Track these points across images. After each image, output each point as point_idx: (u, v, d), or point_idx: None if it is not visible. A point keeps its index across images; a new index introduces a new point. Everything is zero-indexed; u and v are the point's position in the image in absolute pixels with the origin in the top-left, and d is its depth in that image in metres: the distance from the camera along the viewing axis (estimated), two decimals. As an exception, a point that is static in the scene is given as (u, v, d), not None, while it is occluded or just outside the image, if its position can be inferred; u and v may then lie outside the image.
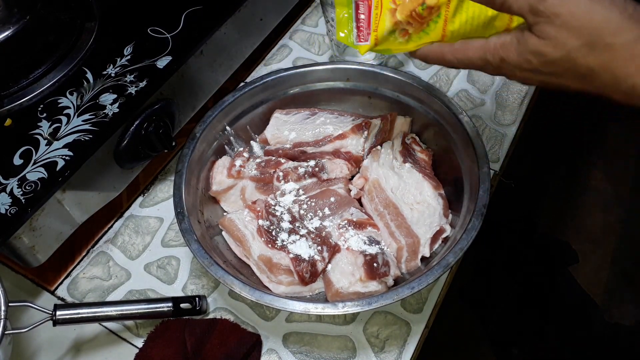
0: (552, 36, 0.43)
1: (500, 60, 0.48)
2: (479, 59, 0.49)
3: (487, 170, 0.63)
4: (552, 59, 0.44)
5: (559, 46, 0.44)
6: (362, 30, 0.54)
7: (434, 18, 0.51)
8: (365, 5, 0.53)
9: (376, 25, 0.53)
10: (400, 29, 0.52)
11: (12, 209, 0.56)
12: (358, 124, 0.71)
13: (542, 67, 0.46)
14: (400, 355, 0.63)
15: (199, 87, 0.74)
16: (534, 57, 0.45)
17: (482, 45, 0.49)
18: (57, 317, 0.58)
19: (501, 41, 0.48)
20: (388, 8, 0.52)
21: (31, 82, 0.65)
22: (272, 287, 0.61)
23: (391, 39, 0.54)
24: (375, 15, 0.53)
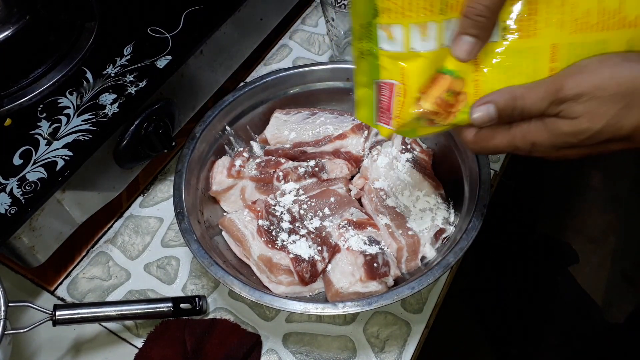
0: (584, 112, 0.42)
1: (532, 145, 0.45)
2: (506, 146, 0.47)
3: (487, 170, 0.63)
4: (594, 131, 0.43)
5: (596, 117, 0.42)
6: (383, 113, 0.49)
7: (462, 109, 0.47)
8: (387, 89, 0.48)
9: (399, 112, 0.48)
10: (426, 118, 0.48)
11: (12, 209, 0.56)
12: (358, 124, 0.71)
13: (582, 142, 0.43)
14: (400, 355, 0.63)
15: (199, 87, 0.74)
16: (571, 137, 0.43)
17: (507, 132, 0.46)
18: (57, 317, 0.58)
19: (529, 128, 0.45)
20: (413, 96, 0.47)
21: (31, 82, 0.65)
22: (272, 287, 0.61)
23: (416, 124, 0.49)
24: (398, 102, 0.48)
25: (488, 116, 0.45)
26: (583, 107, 0.42)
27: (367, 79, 0.50)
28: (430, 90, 0.47)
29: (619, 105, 0.41)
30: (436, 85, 0.47)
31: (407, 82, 0.47)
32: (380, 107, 0.49)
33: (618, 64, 0.42)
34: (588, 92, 0.42)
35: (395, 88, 0.48)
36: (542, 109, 0.43)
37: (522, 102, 0.44)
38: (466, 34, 0.44)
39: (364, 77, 0.50)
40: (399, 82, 0.47)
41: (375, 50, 0.47)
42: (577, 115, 0.42)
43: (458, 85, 0.46)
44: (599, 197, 1.64)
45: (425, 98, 0.47)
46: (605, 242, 1.54)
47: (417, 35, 0.46)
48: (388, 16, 0.45)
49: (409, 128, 0.49)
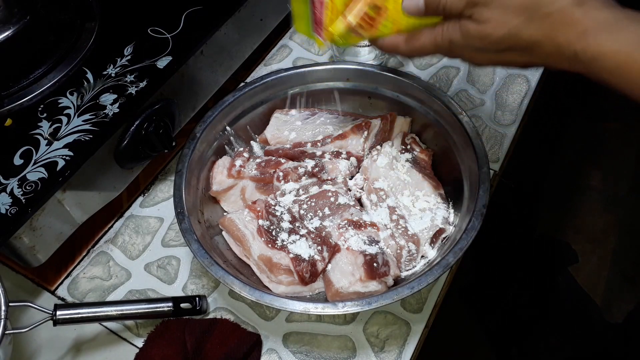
0: (491, 18, 0.46)
1: (449, 43, 0.51)
2: (430, 44, 0.52)
3: (487, 170, 0.63)
4: (495, 38, 0.47)
5: (499, 25, 0.46)
6: (317, 25, 0.56)
7: (383, 22, 0.53)
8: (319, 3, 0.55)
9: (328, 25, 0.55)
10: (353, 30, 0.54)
11: (13, 209, 0.56)
12: (358, 124, 0.71)
13: (487, 46, 0.48)
14: (400, 355, 0.63)
15: (199, 87, 0.74)
16: (477, 40, 0.48)
17: (431, 32, 0.52)
18: (57, 317, 0.58)
19: (446, 27, 0.51)
20: (339, 10, 0.54)
21: (31, 82, 0.66)
22: (272, 287, 0.61)
23: (347, 36, 0.56)
24: (328, 17, 0.55)
25: (417, 6, 0.51)
26: (490, 13, 0.46)
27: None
28: (355, 3, 0.53)
29: (522, 17, 0.45)
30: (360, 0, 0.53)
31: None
32: (315, 20, 0.56)
33: None
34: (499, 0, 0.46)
35: (325, 2, 0.54)
36: (460, 8, 0.48)
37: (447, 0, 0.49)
38: None
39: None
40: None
41: None
42: (484, 19, 0.47)
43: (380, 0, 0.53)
44: (599, 197, 1.64)
45: (349, 12, 0.53)
46: (605, 242, 1.54)
47: None
48: None
49: (340, 39, 0.56)
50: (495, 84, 0.87)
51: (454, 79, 0.87)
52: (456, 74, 0.88)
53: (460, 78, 0.87)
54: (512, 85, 0.86)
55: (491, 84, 0.87)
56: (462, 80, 0.87)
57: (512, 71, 0.87)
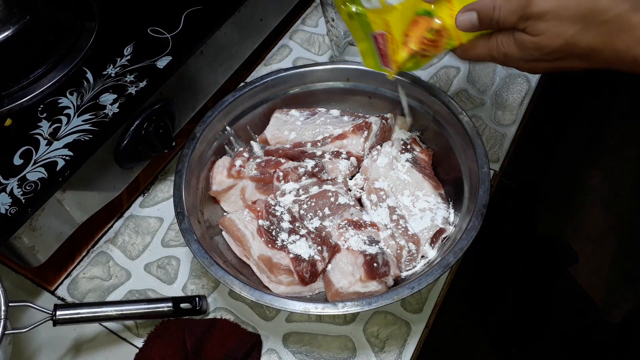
0: (546, 30, 0.46)
1: (504, 56, 0.52)
2: (486, 55, 0.54)
3: (487, 170, 0.63)
4: (553, 48, 0.47)
5: (555, 36, 0.46)
6: (384, 58, 0.59)
7: (446, 41, 0.54)
8: (382, 38, 0.57)
9: (393, 56, 0.58)
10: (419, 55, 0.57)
11: (12, 209, 0.56)
12: (358, 124, 0.71)
13: (544, 56, 0.49)
14: (400, 355, 0.63)
15: (199, 87, 0.74)
16: (534, 51, 0.49)
17: (486, 44, 0.53)
18: (57, 317, 0.58)
19: (502, 40, 0.51)
20: (401, 41, 0.56)
21: (31, 82, 0.66)
22: (272, 287, 0.61)
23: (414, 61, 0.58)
24: (392, 50, 0.57)
25: (470, 22, 0.52)
26: (545, 25, 0.46)
27: (363, 34, 0.59)
28: (413, 32, 0.55)
29: (578, 26, 0.45)
30: (417, 27, 0.55)
31: (392, 31, 0.56)
32: (380, 54, 0.59)
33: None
34: (551, 10, 0.46)
35: (386, 37, 0.57)
36: (513, 21, 0.49)
37: (498, 12, 0.49)
38: None
39: (360, 33, 0.59)
40: (386, 32, 0.56)
41: (361, 10, 0.57)
42: (539, 32, 0.47)
43: (436, 23, 0.54)
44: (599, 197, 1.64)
45: (410, 40, 0.56)
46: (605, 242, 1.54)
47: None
48: None
49: (409, 64, 0.59)
50: (496, 84, 0.86)
51: (454, 78, 0.87)
52: (456, 74, 0.88)
53: (460, 78, 0.87)
54: (512, 85, 0.86)
55: (491, 83, 0.87)
56: (462, 80, 0.87)
57: (512, 71, 0.87)
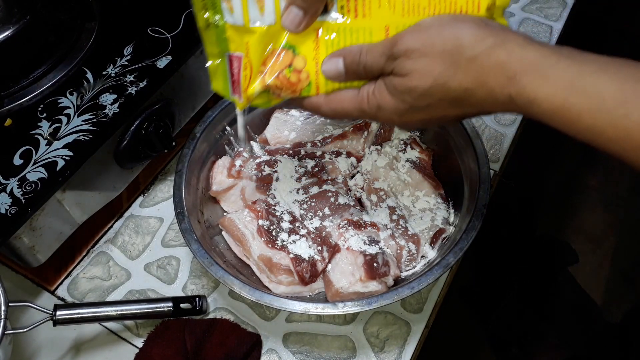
0: (414, 69, 0.43)
1: (377, 108, 0.47)
2: (355, 109, 0.48)
3: (487, 170, 0.63)
4: (423, 90, 0.43)
5: (424, 75, 0.43)
6: (236, 86, 0.50)
7: (305, 87, 0.48)
8: (236, 62, 0.49)
9: (246, 86, 0.49)
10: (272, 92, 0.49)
11: (12, 209, 0.56)
12: (358, 124, 0.71)
13: (417, 102, 0.44)
14: (400, 355, 0.63)
15: (199, 87, 0.74)
16: (406, 95, 0.44)
17: (355, 97, 0.48)
18: (57, 317, 0.58)
19: (372, 89, 0.46)
20: (258, 70, 0.48)
21: (31, 82, 0.65)
22: (272, 287, 0.61)
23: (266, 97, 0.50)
24: (245, 77, 0.49)
25: (337, 70, 0.47)
26: (412, 63, 0.43)
27: (217, 50, 0.50)
28: (274, 65, 0.48)
29: (445, 64, 0.42)
30: (278, 61, 0.48)
31: (251, 55, 0.48)
32: (232, 80, 0.50)
33: (448, 22, 0.43)
34: (417, 48, 0.42)
35: (242, 61, 0.48)
36: (381, 64, 0.45)
37: (364, 57, 0.45)
38: (294, 4, 0.46)
39: (214, 47, 0.50)
40: (245, 55, 0.48)
41: (221, 23, 0.48)
42: (407, 71, 0.43)
43: (299, 62, 0.48)
44: (599, 197, 1.64)
45: (269, 73, 0.48)
46: (605, 242, 1.55)
47: (255, 9, 0.47)
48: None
49: (261, 100, 0.50)
50: (495, 84, 0.86)
51: (454, 79, 0.87)
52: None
53: (460, 78, 0.87)
54: (512, 85, 0.86)
55: (491, 84, 0.86)
56: (462, 80, 0.87)
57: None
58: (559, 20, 0.94)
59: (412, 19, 0.45)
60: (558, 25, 0.93)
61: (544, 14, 0.95)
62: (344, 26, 0.47)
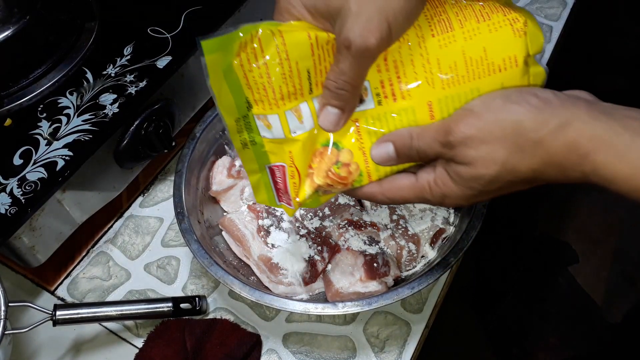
0: (477, 157, 0.41)
1: (442, 197, 0.44)
2: (416, 198, 0.46)
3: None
4: (491, 177, 0.41)
5: (490, 162, 0.41)
6: (282, 195, 0.49)
7: (356, 179, 0.47)
8: (280, 171, 0.48)
9: (295, 193, 0.47)
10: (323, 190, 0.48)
11: (12, 209, 0.56)
12: (358, 124, 0.71)
13: (486, 187, 0.43)
14: (400, 355, 0.63)
15: (199, 87, 0.74)
16: (474, 182, 0.42)
17: (414, 185, 0.46)
18: (57, 317, 0.58)
19: (433, 178, 0.44)
20: (305, 175, 0.47)
21: (31, 82, 0.65)
22: (272, 287, 0.61)
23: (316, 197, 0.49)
24: (293, 184, 0.47)
25: (387, 154, 0.45)
26: (475, 152, 0.41)
27: (257, 166, 0.49)
28: (319, 165, 0.47)
29: (509, 149, 0.40)
30: (324, 159, 0.46)
31: (296, 163, 0.47)
32: (277, 188, 0.49)
33: (501, 107, 0.41)
34: (475, 136, 0.41)
35: (287, 170, 0.47)
36: (436, 150, 0.43)
37: (417, 141, 0.44)
38: (330, 105, 0.44)
39: (253, 164, 0.49)
40: (289, 165, 0.47)
41: (258, 140, 0.47)
42: (470, 160, 0.41)
43: (346, 156, 0.46)
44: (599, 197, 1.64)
45: (316, 174, 0.47)
46: (605, 242, 1.54)
47: (294, 120, 0.45)
48: (262, 107, 0.45)
49: (310, 201, 0.49)
50: (496, 83, 0.86)
51: (454, 78, 0.87)
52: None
53: (460, 78, 0.87)
54: (512, 85, 0.86)
55: (491, 83, 0.86)
56: (462, 80, 0.87)
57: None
58: (559, 20, 0.94)
59: (453, 90, 0.44)
60: (558, 25, 0.93)
61: (544, 14, 0.95)
62: (384, 111, 0.45)
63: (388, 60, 0.44)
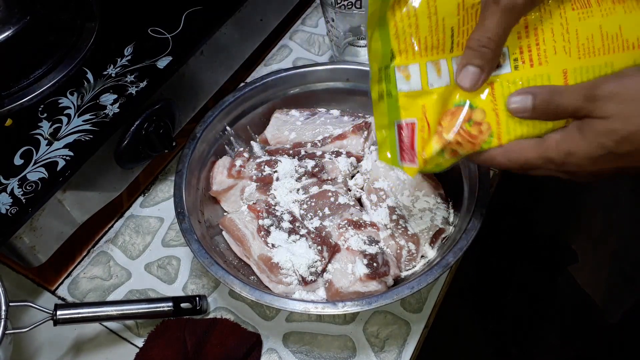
0: (617, 112, 0.41)
1: (566, 155, 0.43)
2: (538, 157, 0.45)
3: (486, 170, 0.63)
4: (627, 133, 0.41)
5: (629, 118, 0.41)
6: (406, 153, 0.50)
7: (486, 139, 0.47)
8: (408, 129, 0.49)
9: (423, 147, 0.49)
10: (450, 150, 0.48)
11: (13, 209, 0.56)
12: (358, 124, 0.71)
13: (617, 147, 0.41)
14: (400, 354, 0.63)
15: (199, 87, 0.74)
16: (606, 138, 0.41)
17: (539, 144, 0.45)
18: (57, 316, 0.58)
19: (562, 136, 0.44)
20: (435, 130, 0.48)
21: (32, 82, 0.66)
22: (272, 286, 0.61)
23: (440, 158, 0.49)
24: (421, 139, 0.49)
25: (524, 104, 0.45)
26: (616, 107, 0.41)
27: (387, 121, 0.51)
28: (451, 121, 0.47)
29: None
30: (455, 117, 0.47)
31: (429, 117, 0.48)
32: (402, 147, 0.50)
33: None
34: (622, 92, 0.41)
35: (417, 126, 0.49)
36: (578, 104, 0.42)
37: (559, 97, 0.43)
38: (470, 64, 0.45)
39: (384, 119, 0.51)
40: (419, 118, 0.48)
41: (394, 93, 0.49)
42: (609, 114, 0.41)
43: (479, 115, 0.47)
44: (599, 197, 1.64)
45: (446, 130, 0.47)
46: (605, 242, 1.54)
47: (433, 73, 0.48)
48: (406, 57, 0.48)
49: (434, 163, 0.50)
50: (495, 84, 0.86)
51: (454, 79, 0.87)
52: (456, 74, 0.88)
53: (460, 78, 0.87)
54: (512, 85, 0.86)
55: (491, 84, 0.86)
56: (462, 80, 0.87)
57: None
58: None
59: (588, 61, 0.45)
60: None
61: None
62: (520, 75, 0.46)
63: (529, 27, 0.46)
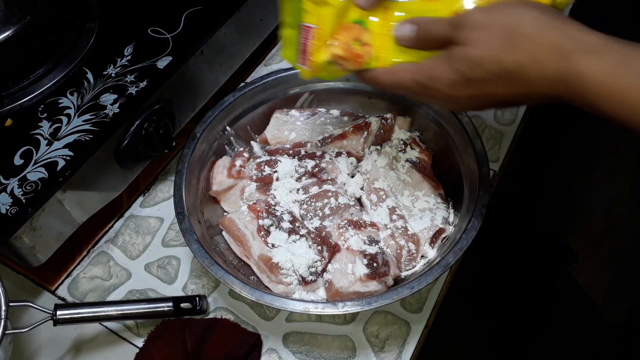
0: (473, 38, 0.45)
1: (431, 79, 0.48)
2: (409, 79, 0.50)
3: (487, 170, 0.63)
4: (478, 58, 0.45)
5: (481, 45, 0.45)
6: (303, 55, 0.54)
7: (369, 60, 0.51)
8: (307, 32, 0.53)
9: (313, 55, 0.53)
10: (337, 63, 0.52)
11: (13, 209, 0.56)
12: (358, 124, 0.71)
13: (470, 72, 0.46)
14: (400, 354, 0.63)
15: (199, 87, 0.74)
16: (460, 63, 0.46)
17: (413, 67, 0.50)
18: (57, 316, 0.58)
19: (432, 61, 0.48)
20: (326, 41, 0.52)
21: (32, 82, 0.66)
22: (272, 286, 0.61)
23: (330, 68, 0.53)
24: (315, 46, 0.52)
25: (409, 33, 0.50)
26: (472, 34, 0.45)
27: (292, 20, 0.54)
28: (342, 37, 0.52)
29: (502, 38, 0.44)
30: (346, 33, 0.52)
31: (322, 26, 0.52)
32: (302, 49, 0.54)
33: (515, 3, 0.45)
34: (481, 21, 0.45)
35: (315, 32, 0.52)
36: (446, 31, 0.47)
37: (433, 25, 0.48)
38: None
39: (290, 18, 0.54)
40: (319, 26, 0.52)
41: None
42: (466, 40, 0.45)
43: (365, 36, 0.51)
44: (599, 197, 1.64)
45: (336, 43, 0.52)
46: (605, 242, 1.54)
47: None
48: None
49: (325, 71, 0.54)
50: (495, 84, 0.86)
51: (454, 79, 0.87)
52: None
53: (460, 78, 0.87)
54: (512, 85, 0.86)
55: (491, 84, 0.86)
56: (462, 80, 0.87)
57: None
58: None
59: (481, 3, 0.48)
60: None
61: None
62: (412, 6, 0.50)
63: None
